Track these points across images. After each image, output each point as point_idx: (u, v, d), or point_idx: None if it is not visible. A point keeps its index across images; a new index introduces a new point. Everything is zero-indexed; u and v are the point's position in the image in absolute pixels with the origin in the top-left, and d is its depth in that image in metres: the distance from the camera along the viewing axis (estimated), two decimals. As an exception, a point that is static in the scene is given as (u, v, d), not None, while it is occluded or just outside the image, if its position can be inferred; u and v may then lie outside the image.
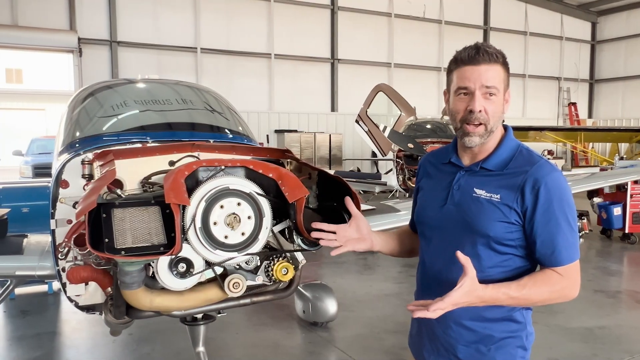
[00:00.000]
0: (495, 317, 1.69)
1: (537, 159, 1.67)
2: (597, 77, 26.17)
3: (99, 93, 3.65)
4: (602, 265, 7.86)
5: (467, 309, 1.65)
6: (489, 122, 1.65)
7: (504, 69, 1.66)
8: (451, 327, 1.73)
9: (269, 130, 17.61)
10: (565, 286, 1.63)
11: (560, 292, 1.63)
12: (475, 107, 1.63)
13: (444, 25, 21.11)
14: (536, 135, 17.28)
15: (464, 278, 1.51)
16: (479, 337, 1.70)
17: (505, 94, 1.68)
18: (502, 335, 1.70)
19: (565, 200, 1.61)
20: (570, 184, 7.12)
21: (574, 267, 1.64)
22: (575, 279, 1.65)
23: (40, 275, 3.32)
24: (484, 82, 1.61)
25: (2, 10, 14.48)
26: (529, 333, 1.75)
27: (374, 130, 10.59)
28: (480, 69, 1.61)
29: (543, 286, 1.61)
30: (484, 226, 1.64)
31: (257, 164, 2.07)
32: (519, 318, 1.72)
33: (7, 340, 4.93)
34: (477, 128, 1.65)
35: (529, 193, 1.60)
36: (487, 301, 1.58)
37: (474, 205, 1.67)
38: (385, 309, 5.65)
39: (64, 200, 2.55)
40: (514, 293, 1.59)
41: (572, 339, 4.87)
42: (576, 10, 25.00)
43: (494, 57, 1.62)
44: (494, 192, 1.65)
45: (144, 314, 2.14)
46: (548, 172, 1.62)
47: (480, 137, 1.66)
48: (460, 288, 1.50)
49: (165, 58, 16.47)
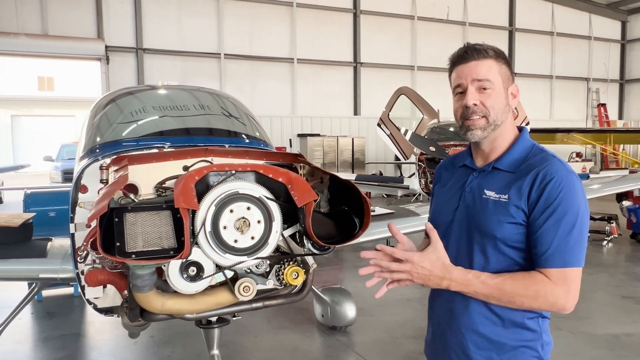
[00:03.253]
0: (505, 320, 1.64)
1: (550, 158, 1.62)
2: (627, 77, 25.54)
3: (119, 99, 3.72)
4: (631, 271, 7.64)
5: (480, 313, 1.63)
6: (489, 114, 1.64)
7: (497, 62, 1.65)
8: (463, 334, 1.70)
9: (291, 134, 17.71)
10: (551, 292, 1.51)
11: (542, 296, 1.52)
12: (468, 101, 1.64)
13: (468, 27, 20.91)
14: (564, 137, 16.91)
15: (428, 246, 1.59)
16: (491, 345, 1.66)
17: (508, 88, 1.67)
18: (515, 343, 1.64)
19: (571, 201, 1.54)
20: (598, 187, 7.02)
21: (569, 273, 1.53)
22: (568, 289, 1.52)
23: (63, 278, 3.40)
24: (475, 76, 1.63)
25: (33, 20, 14.95)
26: (545, 342, 1.68)
27: (396, 134, 10.53)
28: (469, 65, 1.64)
29: (520, 281, 1.54)
30: (491, 227, 1.62)
31: (267, 168, 2.09)
32: (533, 326, 1.65)
33: (33, 341, 5.06)
34: (477, 121, 1.65)
35: (535, 189, 1.56)
36: (457, 280, 1.57)
37: (483, 207, 1.65)
38: (405, 314, 5.60)
39: (83, 205, 2.60)
40: (486, 278, 1.56)
41: (598, 346, 4.74)
42: (605, 9, 24.46)
43: (484, 52, 1.64)
44: (502, 192, 1.62)
45: (157, 316, 2.17)
46: (558, 170, 1.57)
47: (482, 130, 1.65)
48: (421, 252, 1.57)
49: (189, 64, 16.73)
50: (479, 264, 1.65)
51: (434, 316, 1.84)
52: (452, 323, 1.73)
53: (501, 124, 1.67)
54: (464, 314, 1.67)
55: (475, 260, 1.66)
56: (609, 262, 8.34)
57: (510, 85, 1.68)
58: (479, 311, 1.64)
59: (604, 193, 7.12)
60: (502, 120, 1.67)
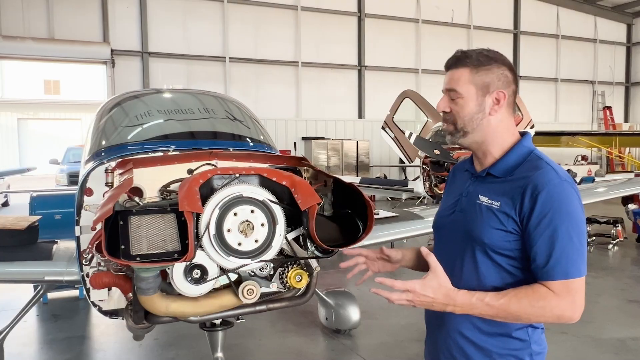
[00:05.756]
0: (491, 332, 1.63)
1: (543, 166, 1.59)
2: (633, 80, 25.43)
3: (124, 103, 3.75)
4: (636, 274, 7.60)
5: (466, 318, 1.63)
6: (457, 121, 1.69)
7: (471, 71, 1.65)
8: (450, 336, 1.70)
9: (296, 137, 17.72)
10: (557, 306, 1.48)
11: (549, 311, 1.49)
12: (438, 108, 1.74)
13: (472, 30, 20.89)
14: (569, 140, 16.86)
15: (428, 272, 1.56)
16: (477, 350, 1.66)
17: (486, 95, 1.65)
18: (500, 351, 1.63)
19: (566, 211, 1.51)
20: (603, 190, 6.99)
21: (572, 284, 1.49)
22: (573, 300, 1.49)
23: (68, 281, 3.41)
24: (446, 85, 1.71)
25: (40, 24, 15.06)
26: (534, 352, 1.64)
27: (400, 137, 10.52)
28: (449, 73, 1.72)
29: (524, 298, 1.50)
30: (480, 233, 1.61)
31: (271, 171, 2.10)
32: (521, 336, 1.63)
33: (38, 343, 5.08)
34: (447, 127, 1.73)
35: (527, 200, 1.53)
36: (461, 305, 1.54)
37: (475, 212, 1.65)
38: (409, 317, 5.59)
39: (89, 208, 2.62)
40: (490, 300, 1.52)
41: (603, 351, 4.71)
42: (610, 12, 24.38)
43: (463, 61, 1.67)
44: (494, 199, 1.62)
45: (161, 319, 2.18)
46: (550, 179, 1.53)
47: (451, 135, 1.72)
48: (422, 280, 1.54)
49: (194, 68, 16.80)
50: (469, 269, 1.65)
51: (427, 316, 1.85)
52: (440, 325, 1.74)
53: (473, 131, 1.67)
54: (451, 317, 1.67)
55: (465, 265, 1.66)
56: (614, 265, 8.30)
57: (492, 92, 1.65)
58: (466, 315, 1.61)
59: (610, 196, 7.09)
60: (474, 127, 1.67)
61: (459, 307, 1.55)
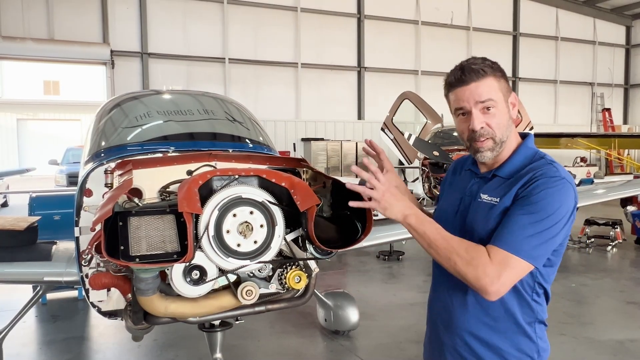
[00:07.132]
0: (501, 330, 1.66)
1: (547, 163, 1.63)
2: (632, 82, 25.47)
3: (124, 104, 3.75)
4: (635, 276, 7.61)
5: (476, 317, 1.65)
6: (496, 134, 1.66)
7: (496, 78, 1.65)
8: (458, 334, 1.72)
9: (295, 138, 17.73)
10: (483, 265, 1.48)
11: (474, 266, 1.49)
12: (475, 126, 1.64)
13: (472, 31, 20.92)
14: (568, 142, 16.87)
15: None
16: (486, 348, 1.67)
17: (507, 100, 1.68)
18: (510, 349, 1.66)
19: (550, 202, 1.53)
20: (602, 192, 7.00)
21: (509, 259, 1.49)
22: (499, 273, 1.48)
23: (67, 281, 3.42)
24: (477, 98, 1.63)
25: (39, 25, 15.07)
26: (541, 349, 1.69)
27: (400, 138, 10.52)
28: (470, 87, 1.63)
29: (465, 243, 1.54)
30: (479, 228, 1.64)
31: (270, 173, 2.10)
32: (529, 333, 1.67)
33: (37, 344, 5.08)
34: (484, 143, 1.66)
35: (522, 186, 1.58)
36: (416, 214, 1.58)
37: (476, 209, 1.69)
38: (408, 319, 5.60)
39: (88, 209, 2.63)
40: (439, 227, 1.56)
41: (601, 352, 4.72)
42: (609, 14, 24.42)
43: (481, 72, 1.62)
44: (495, 196, 1.65)
45: (160, 320, 2.18)
46: (549, 173, 1.57)
47: (491, 150, 1.67)
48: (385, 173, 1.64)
49: (194, 69, 16.81)
50: None
51: (432, 316, 1.86)
52: (448, 322, 1.75)
53: (507, 139, 1.69)
54: (460, 315, 1.70)
55: None
56: (613, 267, 8.30)
57: (510, 96, 1.69)
58: (475, 314, 1.66)
59: (609, 198, 7.09)
60: (508, 135, 1.69)
61: (414, 216, 1.58)
